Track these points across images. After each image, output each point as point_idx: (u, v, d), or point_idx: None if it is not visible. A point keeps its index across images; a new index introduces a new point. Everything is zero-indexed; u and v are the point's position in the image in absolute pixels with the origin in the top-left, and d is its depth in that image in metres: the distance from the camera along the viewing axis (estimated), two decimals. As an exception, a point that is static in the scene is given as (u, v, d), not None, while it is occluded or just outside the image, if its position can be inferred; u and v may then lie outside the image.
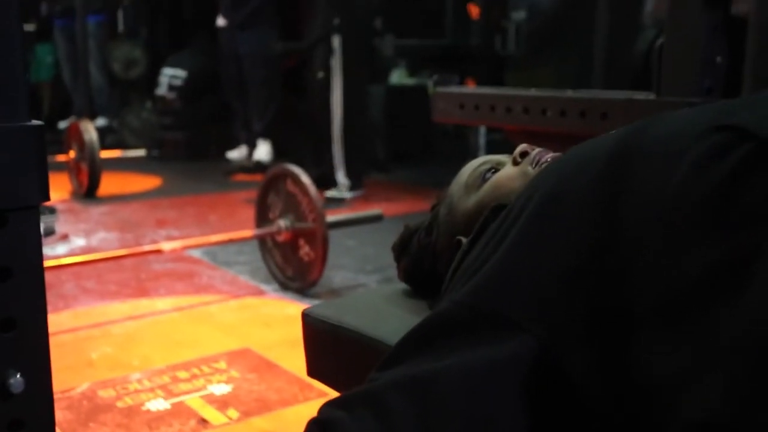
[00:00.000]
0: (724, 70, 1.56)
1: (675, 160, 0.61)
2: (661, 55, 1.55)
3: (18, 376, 0.73)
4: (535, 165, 0.95)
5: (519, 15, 4.82)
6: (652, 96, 1.58)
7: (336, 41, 4.30)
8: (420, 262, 1.10)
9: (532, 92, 1.78)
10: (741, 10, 1.59)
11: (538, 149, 0.98)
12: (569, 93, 1.71)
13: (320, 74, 4.38)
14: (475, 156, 1.30)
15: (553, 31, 4.58)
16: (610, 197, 0.64)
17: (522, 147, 0.99)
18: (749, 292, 0.52)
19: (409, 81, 5.85)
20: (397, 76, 5.90)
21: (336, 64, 4.33)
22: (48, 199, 0.74)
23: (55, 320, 2.43)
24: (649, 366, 0.57)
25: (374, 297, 1.18)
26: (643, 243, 0.60)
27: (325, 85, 4.38)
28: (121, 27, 6.71)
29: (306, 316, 1.12)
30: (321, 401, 0.75)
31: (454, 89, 2.11)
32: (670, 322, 0.56)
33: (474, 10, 5.55)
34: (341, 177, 4.48)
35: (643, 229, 0.60)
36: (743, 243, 0.54)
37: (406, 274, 1.15)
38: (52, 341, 0.77)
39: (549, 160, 0.95)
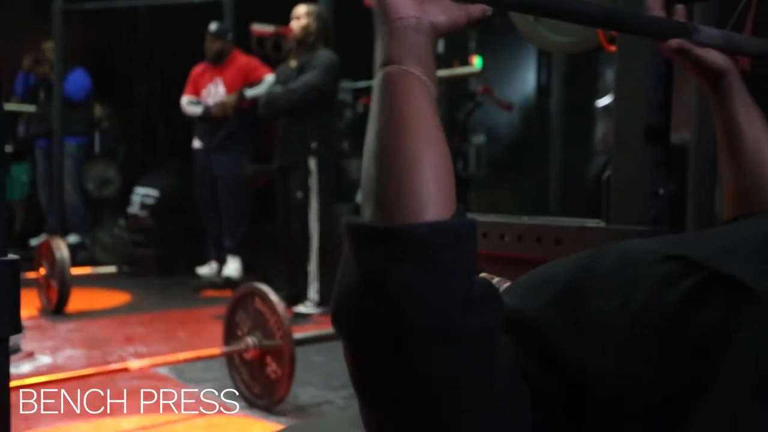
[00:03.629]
0: (668, 200, 1.67)
1: (628, 287, 0.65)
2: (609, 186, 1.67)
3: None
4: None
5: (479, 139, 5.01)
6: (602, 224, 1.68)
7: (312, 163, 4.48)
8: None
9: (491, 218, 1.88)
10: (683, 138, 1.70)
11: (497, 278, 1.03)
12: (525, 219, 1.81)
13: (299, 194, 4.53)
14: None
15: (510, 156, 4.76)
16: (567, 324, 0.66)
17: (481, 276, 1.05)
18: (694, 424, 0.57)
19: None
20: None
21: (313, 184, 4.49)
22: (20, 331, 0.73)
23: (17, 442, 2.39)
24: None
25: (339, 422, 1.22)
26: (597, 373, 0.63)
27: (304, 205, 4.53)
28: (97, 148, 6.87)
29: (271, 441, 1.15)
30: None
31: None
32: None
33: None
34: (313, 293, 4.54)
35: (599, 359, 0.63)
36: (691, 373, 0.58)
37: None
38: (9, 467, 0.77)
39: (507, 288, 1.01)
